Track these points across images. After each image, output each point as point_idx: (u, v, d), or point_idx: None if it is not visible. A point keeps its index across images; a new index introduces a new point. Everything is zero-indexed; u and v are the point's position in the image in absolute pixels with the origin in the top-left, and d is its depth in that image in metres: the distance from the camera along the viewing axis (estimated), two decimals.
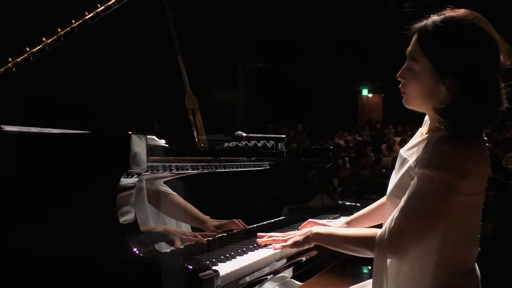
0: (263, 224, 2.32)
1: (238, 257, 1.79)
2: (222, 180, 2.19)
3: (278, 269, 1.95)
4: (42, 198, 1.54)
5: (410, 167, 1.65)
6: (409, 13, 15.45)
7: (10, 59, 1.86)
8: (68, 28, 2.04)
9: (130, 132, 1.48)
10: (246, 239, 2.08)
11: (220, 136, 2.77)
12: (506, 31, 1.65)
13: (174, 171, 1.82)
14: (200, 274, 1.41)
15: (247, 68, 14.77)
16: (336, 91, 17.89)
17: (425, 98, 1.67)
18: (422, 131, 1.79)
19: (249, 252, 1.87)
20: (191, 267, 1.41)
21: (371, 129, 15.21)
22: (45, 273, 1.52)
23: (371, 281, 1.71)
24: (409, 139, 1.81)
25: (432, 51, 1.62)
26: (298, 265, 2.10)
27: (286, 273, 2.06)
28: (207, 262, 1.53)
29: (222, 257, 1.72)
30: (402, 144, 10.84)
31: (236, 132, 2.67)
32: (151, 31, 2.82)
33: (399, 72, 1.72)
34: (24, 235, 1.55)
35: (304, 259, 2.13)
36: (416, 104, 1.72)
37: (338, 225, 2.16)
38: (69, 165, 1.54)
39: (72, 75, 2.29)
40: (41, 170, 1.57)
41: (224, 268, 1.62)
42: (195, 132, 2.72)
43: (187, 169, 1.89)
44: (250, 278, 1.74)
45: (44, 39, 1.96)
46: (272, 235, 1.95)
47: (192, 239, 1.82)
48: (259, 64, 15.46)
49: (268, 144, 2.69)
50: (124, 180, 1.49)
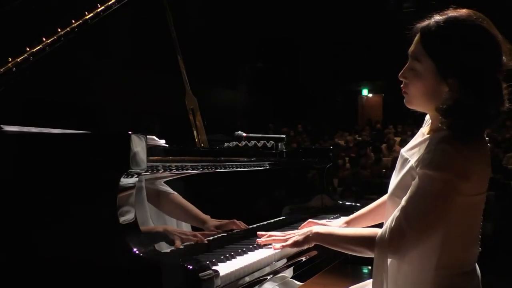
0: (263, 224, 2.32)
1: (238, 257, 1.79)
2: (222, 180, 2.19)
3: (278, 269, 1.95)
4: (42, 198, 1.54)
5: (411, 167, 1.65)
6: (409, 13, 15.46)
7: (10, 59, 1.86)
8: (68, 28, 2.04)
9: (130, 132, 1.48)
10: (246, 239, 2.08)
11: (220, 136, 2.77)
12: (508, 31, 1.64)
13: (174, 171, 1.82)
14: (200, 274, 1.41)
15: (247, 68, 14.77)
16: (336, 91, 17.89)
17: (427, 98, 1.67)
18: (423, 131, 1.79)
19: (249, 252, 1.87)
20: (191, 267, 1.41)
21: (371, 129, 15.21)
22: (45, 273, 1.52)
23: (371, 281, 1.71)
24: (409, 139, 1.81)
25: (435, 51, 1.62)
26: (298, 265, 2.10)
27: (286, 273, 2.05)
28: (207, 262, 1.53)
29: (222, 257, 1.72)
30: (402, 144, 10.84)
31: (236, 132, 2.67)
32: (151, 31, 2.82)
33: (401, 72, 1.72)
34: (24, 235, 1.55)
35: (304, 259, 2.12)
36: (418, 104, 1.72)
37: (337, 224, 2.16)
38: (69, 165, 1.54)
39: (72, 75, 2.29)
40: (41, 170, 1.57)
41: (224, 268, 1.62)
42: (195, 132, 2.72)
43: (187, 169, 1.89)
44: (250, 278, 1.74)
45: (44, 39, 1.96)
46: (272, 234, 1.95)
47: (192, 239, 1.82)
48: (259, 64, 15.48)
49: (268, 144, 2.69)
50: (124, 180, 1.49)
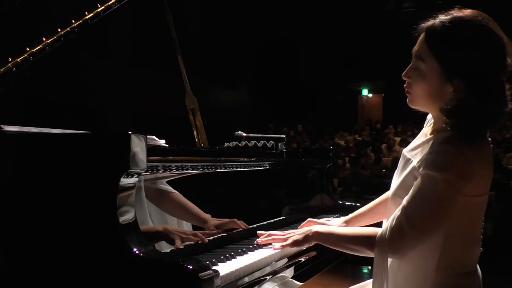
0: (263, 224, 2.32)
1: (238, 257, 1.79)
2: (222, 180, 2.19)
3: (278, 269, 1.94)
4: (42, 198, 1.54)
5: (414, 167, 1.65)
6: (409, 13, 15.47)
7: (10, 59, 1.86)
8: (68, 28, 2.04)
9: (130, 132, 1.48)
10: (246, 239, 2.08)
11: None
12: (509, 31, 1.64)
13: (174, 171, 1.82)
14: (200, 274, 1.41)
15: (247, 68, 14.77)
16: (336, 91, 17.89)
17: (430, 98, 1.66)
18: (426, 131, 1.78)
19: (249, 252, 1.86)
20: (191, 267, 1.41)
21: (371, 129, 15.21)
22: (45, 273, 1.52)
23: (371, 281, 1.71)
24: (409, 139, 1.81)
25: (440, 51, 1.61)
26: (298, 265, 2.10)
27: (286, 273, 2.05)
28: (207, 262, 1.53)
29: (222, 257, 1.72)
30: (402, 144, 10.85)
31: (236, 132, 2.66)
32: (151, 31, 2.82)
33: (405, 71, 1.71)
34: (24, 235, 1.55)
35: (304, 259, 2.12)
36: (421, 104, 1.71)
37: (337, 224, 2.16)
38: (69, 165, 1.54)
39: (72, 75, 2.29)
40: (41, 170, 1.57)
41: (224, 268, 1.61)
42: (195, 132, 2.72)
43: (187, 169, 1.89)
44: (250, 278, 1.73)
45: (44, 39, 1.96)
46: (272, 234, 1.95)
47: (193, 238, 1.82)
48: (259, 64, 15.48)
49: (268, 144, 2.69)
50: (124, 180, 1.49)
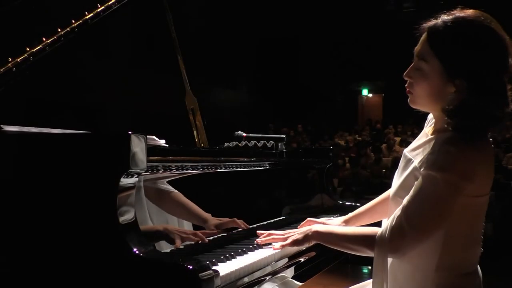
0: (263, 224, 2.32)
1: (238, 257, 1.79)
2: (222, 180, 2.19)
3: (278, 269, 1.94)
4: (42, 198, 1.54)
5: (415, 167, 1.64)
6: (409, 13, 15.47)
7: (10, 59, 1.86)
8: (68, 28, 2.04)
9: (129, 132, 1.48)
10: (246, 239, 2.08)
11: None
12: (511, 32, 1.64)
13: (174, 171, 1.82)
14: (200, 274, 1.41)
15: (247, 68, 14.77)
16: (336, 91, 17.89)
17: (432, 98, 1.66)
18: (427, 131, 1.78)
19: (249, 252, 1.86)
20: (191, 267, 1.41)
21: (371, 129, 15.21)
22: (45, 273, 1.52)
23: (371, 281, 1.71)
24: (409, 139, 1.81)
25: (443, 51, 1.60)
26: (298, 265, 2.10)
27: (286, 273, 2.05)
28: (207, 262, 1.53)
29: (222, 257, 1.72)
30: (402, 144, 10.86)
31: (236, 132, 2.66)
32: (151, 31, 2.82)
33: (406, 71, 1.70)
34: (24, 235, 1.55)
35: (304, 259, 2.12)
36: (423, 104, 1.71)
37: (336, 223, 2.15)
38: (69, 165, 1.54)
39: (72, 75, 2.29)
40: (41, 170, 1.56)
41: (224, 268, 1.61)
42: (195, 132, 2.72)
43: (187, 169, 1.89)
44: (250, 278, 1.73)
45: (44, 39, 1.96)
46: (272, 233, 1.95)
47: (193, 238, 1.82)
48: (259, 64, 15.49)
49: (268, 144, 2.69)
50: (124, 180, 1.49)
